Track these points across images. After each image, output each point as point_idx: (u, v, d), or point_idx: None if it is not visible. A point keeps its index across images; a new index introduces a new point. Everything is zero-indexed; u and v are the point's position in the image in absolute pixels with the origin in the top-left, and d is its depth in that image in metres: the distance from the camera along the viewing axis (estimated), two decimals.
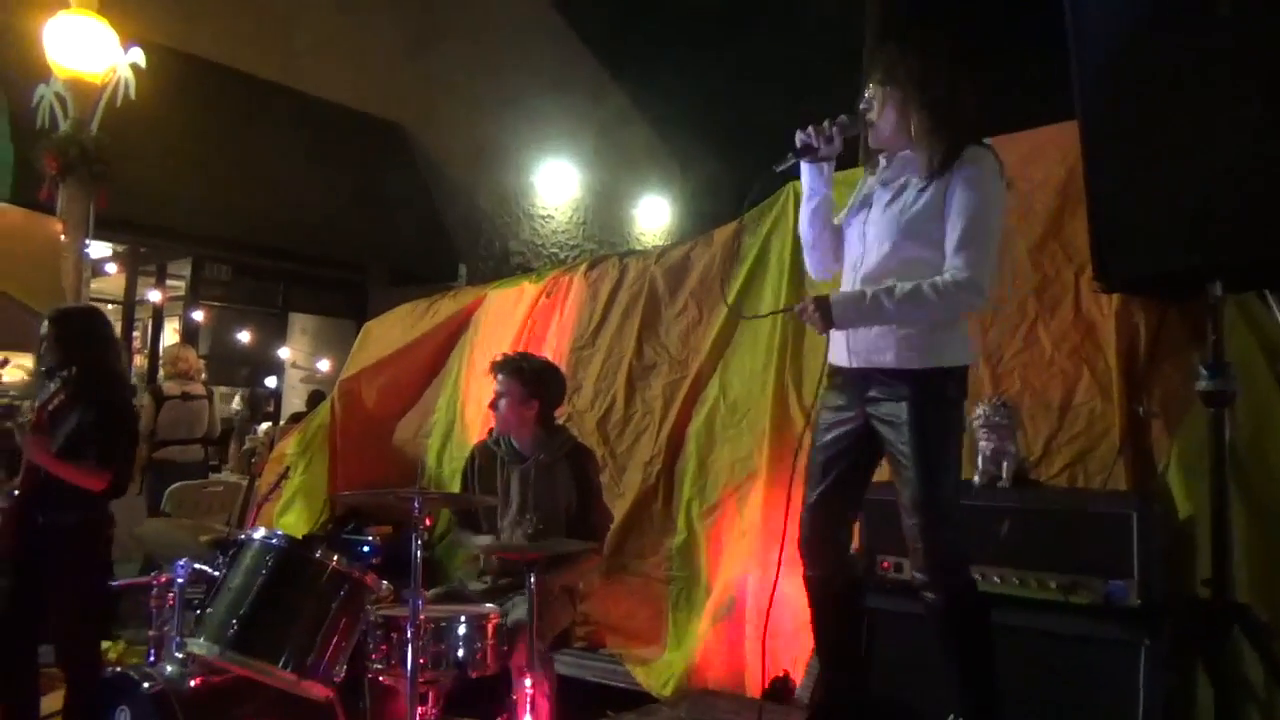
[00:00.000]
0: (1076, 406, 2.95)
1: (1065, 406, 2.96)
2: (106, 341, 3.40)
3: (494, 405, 3.36)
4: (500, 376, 3.34)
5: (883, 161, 2.40)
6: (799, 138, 2.35)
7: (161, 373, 7.25)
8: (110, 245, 8.70)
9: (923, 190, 2.25)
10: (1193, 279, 2.60)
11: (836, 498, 2.40)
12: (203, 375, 6.83)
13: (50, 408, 3.15)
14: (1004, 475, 2.69)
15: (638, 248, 13.38)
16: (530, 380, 3.31)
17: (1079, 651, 2.42)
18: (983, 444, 2.73)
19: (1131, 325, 2.91)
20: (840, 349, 2.35)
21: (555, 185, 12.99)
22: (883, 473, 2.57)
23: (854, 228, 2.40)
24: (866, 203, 2.39)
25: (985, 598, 2.32)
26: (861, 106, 2.36)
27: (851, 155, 2.54)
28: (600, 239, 13.77)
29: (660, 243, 13.63)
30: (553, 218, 13.10)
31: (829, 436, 2.38)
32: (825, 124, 2.33)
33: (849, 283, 2.38)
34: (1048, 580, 2.49)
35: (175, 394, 6.53)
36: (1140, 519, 2.41)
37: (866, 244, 2.33)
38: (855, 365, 2.31)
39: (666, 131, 14.30)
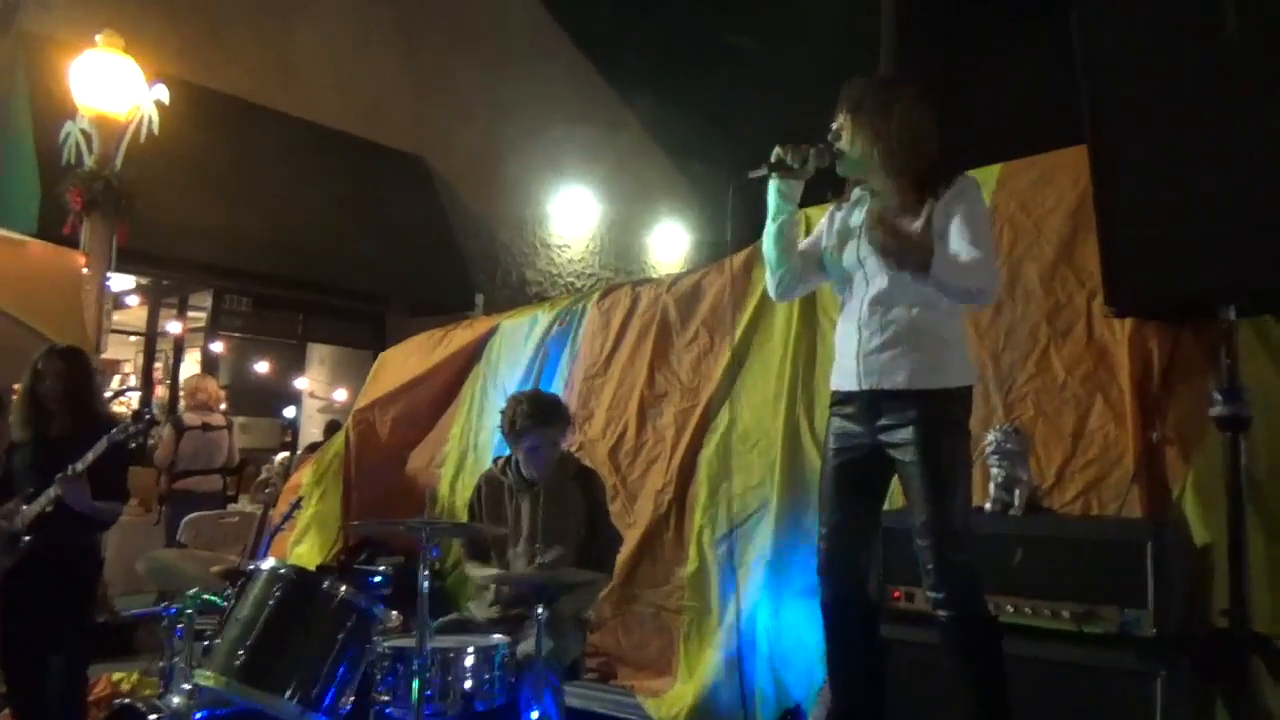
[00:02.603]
0: (1090, 433, 2.91)
1: (1078, 433, 2.93)
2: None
3: (535, 454, 3.29)
4: (540, 430, 3.25)
5: (857, 193, 2.46)
6: (775, 153, 2.38)
7: (182, 404, 7.32)
8: (133, 278, 8.84)
9: (912, 221, 2.28)
10: (1206, 303, 2.57)
11: (851, 523, 2.41)
12: (223, 405, 6.88)
13: (57, 441, 3.24)
14: (1016, 503, 2.65)
15: (653, 276, 13.43)
16: (562, 419, 3.34)
17: (1093, 682, 2.38)
18: (995, 471, 2.70)
19: (1145, 350, 2.88)
20: (849, 373, 2.36)
21: (572, 215, 13.08)
22: (893, 500, 2.56)
23: (850, 256, 2.42)
24: (852, 234, 2.42)
25: (997, 620, 2.30)
26: (830, 137, 2.38)
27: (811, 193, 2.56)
28: (617, 268, 13.82)
29: (678, 271, 13.66)
30: (569, 247, 13.18)
31: (839, 462, 2.40)
32: (802, 146, 2.37)
33: (855, 308, 2.39)
34: (1061, 610, 2.45)
35: (195, 424, 6.59)
36: (1155, 547, 2.37)
37: (868, 271, 2.36)
38: (865, 388, 2.31)
39: (682, 161, 14.40)
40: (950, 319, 2.32)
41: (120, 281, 8.20)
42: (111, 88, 5.87)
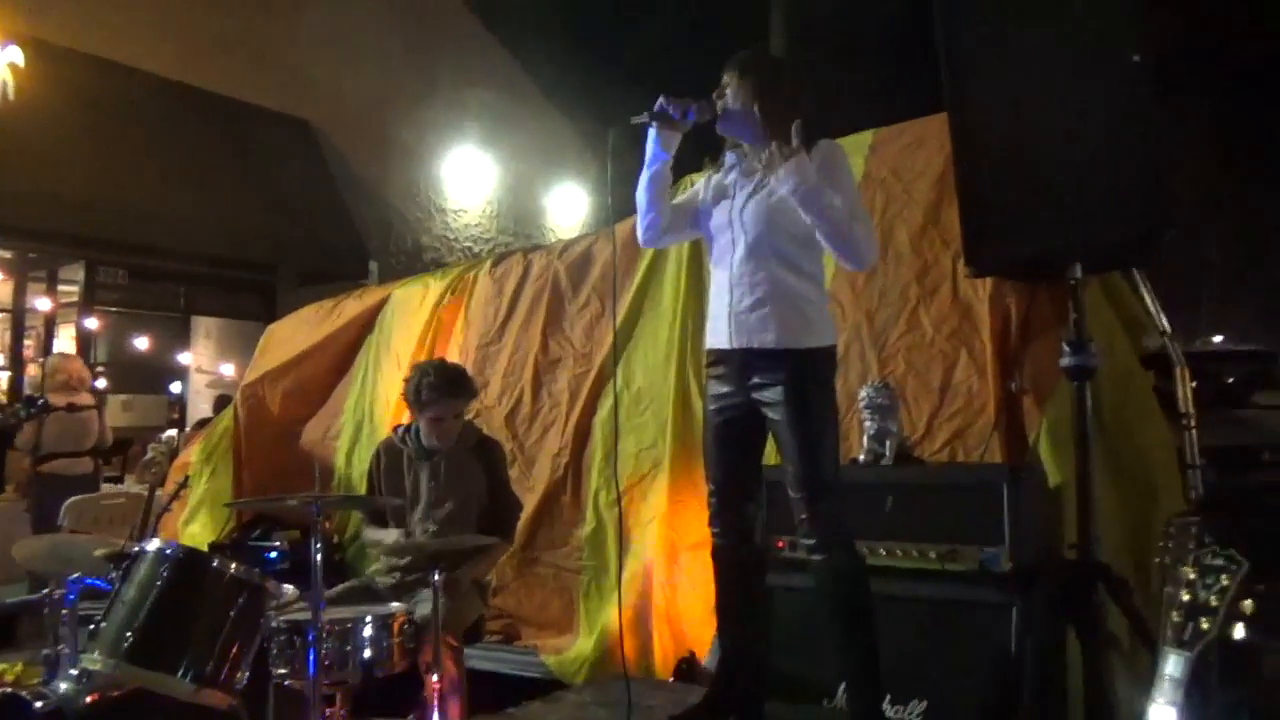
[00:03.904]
0: (955, 385, 3.10)
1: (945, 386, 3.12)
2: None
3: (439, 425, 3.27)
4: (447, 401, 3.24)
5: (730, 158, 2.56)
6: (658, 103, 2.46)
7: (44, 384, 6.89)
8: None
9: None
10: (1055, 262, 2.76)
11: (735, 476, 2.54)
12: (89, 384, 6.48)
13: None
14: (887, 453, 2.82)
15: (552, 241, 13.38)
16: (468, 391, 3.33)
17: (958, 616, 2.57)
18: (867, 424, 2.86)
19: (1004, 307, 3.08)
20: (722, 332, 2.47)
21: (467, 179, 12.87)
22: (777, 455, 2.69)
23: (721, 217, 2.52)
24: (726, 194, 2.52)
25: (865, 562, 2.46)
26: (716, 93, 2.48)
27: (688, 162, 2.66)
28: (515, 231, 13.70)
29: (578, 234, 13.63)
30: (465, 211, 12.99)
31: (719, 420, 2.52)
32: (685, 99, 2.45)
33: (726, 267, 2.50)
34: (928, 550, 2.64)
35: (60, 405, 6.25)
36: (1010, 489, 2.56)
37: (742, 229, 2.46)
38: (737, 346, 2.42)
39: (580, 122, 14.31)
40: (814, 281, 2.45)
41: None
42: None
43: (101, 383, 9.26)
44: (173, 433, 8.29)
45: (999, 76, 2.78)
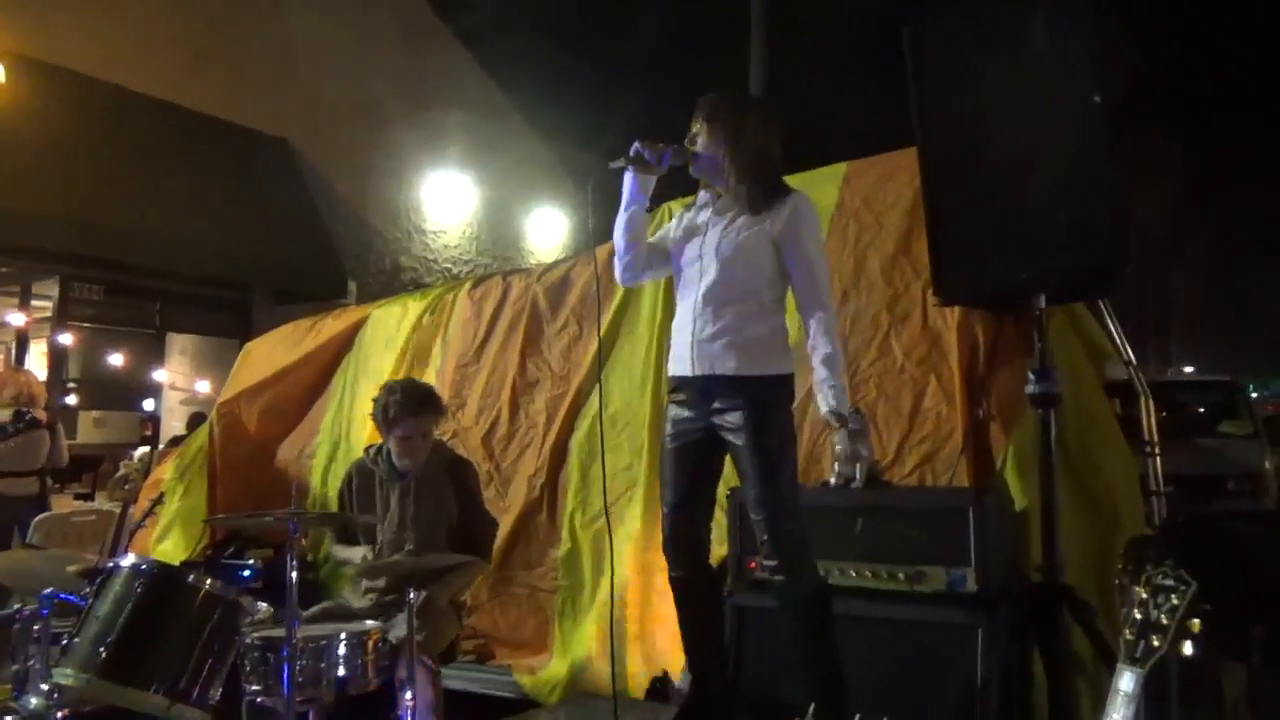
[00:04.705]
0: (924, 411, 3.17)
1: (915, 411, 3.19)
2: None
3: (408, 444, 3.28)
4: (414, 420, 3.24)
5: (703, 196, 2.64)
6: (634, 148, 2.53)
7: None
8: None
9: (750, 223, 2.50)
10: (1020, 292, 2.85)
11: (691, 501, 2.59)
12: (42, 401, 6.24)
13: None
14: (857, 476, 2.87)
15: (530, 263, 13.47)
16: (435, 409, 3.35)
17: (926, 636, 2.62)
18: (838, 448, 2.91)
19: (972, 335, 3.16)
20: (684, 359, 2.54)
21: (446, 201, 12.93)
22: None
23: (691, 251, 2.59)
24: (698, 231, 2.59)
25: (826, 582, 2.52)
26: (686, 141, 2.56)
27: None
28: (494, 254, 13.76)
29: (557, 257, 13.73)
30: (445, 233, 13.04)
31: (676, 446, 2.57)
32: (660, 144, 2.52)
33: (691, 298, 2.57)
34: (897, 572, 2.69)
35: (4, 422, 6.02)
36: (976, 513, 2.63)
37: (714, 262, 2.53)
38: (698, 373, 2.49)
39: (560, 147, 14.45)
40: (775, 313, 2.53)
41: None
42: None
43: (72, 399, 9.17)
44: (145, 450, 8.20)
45: (966, 112, 2.89)
